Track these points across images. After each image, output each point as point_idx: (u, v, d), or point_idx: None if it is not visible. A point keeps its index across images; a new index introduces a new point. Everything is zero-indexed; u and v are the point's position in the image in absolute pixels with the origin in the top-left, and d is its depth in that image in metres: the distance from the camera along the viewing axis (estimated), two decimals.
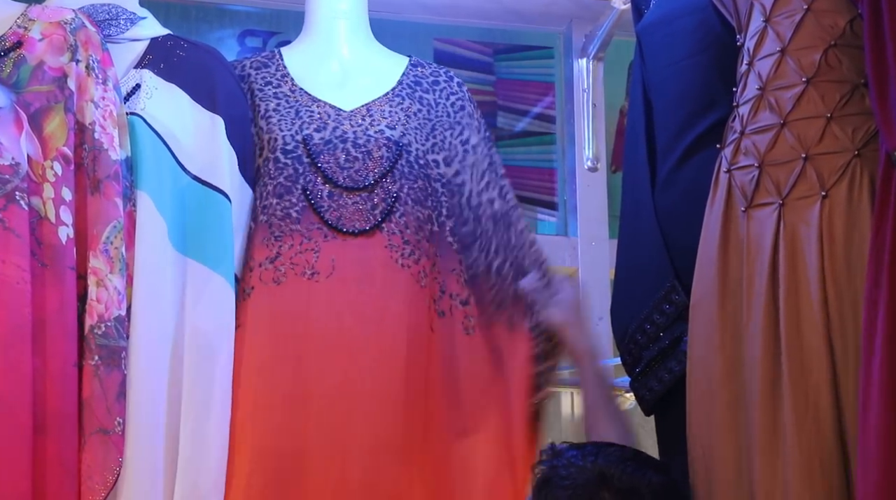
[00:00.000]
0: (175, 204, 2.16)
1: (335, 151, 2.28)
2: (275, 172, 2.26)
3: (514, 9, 3.03)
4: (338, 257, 2.21)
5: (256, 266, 2.21)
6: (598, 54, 2.99)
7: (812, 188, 1.84)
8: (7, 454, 1.90)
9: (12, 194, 2.00)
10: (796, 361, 1.80)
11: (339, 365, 2.16)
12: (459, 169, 2.37)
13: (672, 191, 2.12)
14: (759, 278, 1.86)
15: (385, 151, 2.28)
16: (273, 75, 2.38)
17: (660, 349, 2.08)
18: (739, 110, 1.96)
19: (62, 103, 2.08)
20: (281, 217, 2.23)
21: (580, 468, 1.88)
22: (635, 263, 2.19)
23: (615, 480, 1.86)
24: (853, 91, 1.84)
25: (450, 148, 2.37)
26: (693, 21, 2.14)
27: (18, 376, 1.93)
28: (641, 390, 2.13)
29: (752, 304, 1.87)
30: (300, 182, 2.25)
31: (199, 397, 2.09)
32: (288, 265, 2.20)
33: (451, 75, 2.46)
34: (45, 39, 2.11)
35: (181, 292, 2.13)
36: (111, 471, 1.96)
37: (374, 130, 2.31)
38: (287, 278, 2.20)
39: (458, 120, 2.40)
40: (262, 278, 2.20)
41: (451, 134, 2.38)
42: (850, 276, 1.77)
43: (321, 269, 2.20)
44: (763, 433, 1.83)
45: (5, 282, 1.95)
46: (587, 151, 3.02)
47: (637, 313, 2.12)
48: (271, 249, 2.21)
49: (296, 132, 2.29)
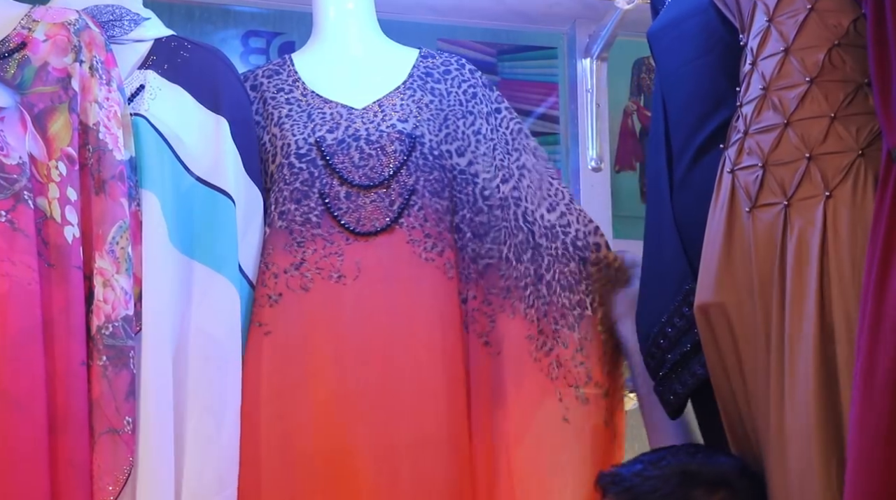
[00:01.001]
0: (178, 206, 2.16)
1: (349, 150, 2.28)
2: (290, 178, 2.26)
3: (517, 9, 3.03)
4: (362, 258, 2.21)
5: (282, 273, 2.21)
6: (601, 54, 2.99)
7: (816, 188, 1.84)
8: (25, 454, 1.90)
9: (20, 194, 2.00)
10: (795, 361, 1.80)
11: (377, 365, 2.16)
12: (472, 159, 2.37)
13: (687, 193, 2.13)
14: (771, 281, 1.86)
15: (398, 145, 2.29)
16: (285, 82, 2.39)
17: (682, 353, 2.08)
18: (743, 110, 1.96)
19: (66, 104, 2.08)
20: (301, 222, 2.23)
21: (659, 477, 1.86)
22: (657, 266, 2.19)
23: (701, 475, 1.84)
24: (857, 91, 1.84)
25: (463, 138, 2.37)
26: (697, 23, 2.14)
27: (32, 376, 1.93)
28: (666, 393, 2.13)
29: (763, 307, 1.87)
30: (316, 186, 2.25)
31: (206, 401, 2.10)
32: (314, 270, 2.20)
33: (463, 63, 2.46)
34: (49, 40, 2.11)
35: (186, 293, 2.13)
36: (122, 471, 1.97)
37: (387, 124, 2.31)
38: (314, 283, 2.20)
39: (469, 109, 2.40)
40: (289, 285, 2.20)
41: (464, 123, 2.38)
42: (855, 275, 1.76)
43: (347, 272, 2.20)
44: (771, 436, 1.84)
45: (17, 283, 1.95)
46: (591, 152, 3.02)
47: (659, 317, 2.12)
48: (295, 255, 2.22)
49: (308, 135, 2.29)
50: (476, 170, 2.36)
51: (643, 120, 3.29)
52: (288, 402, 2.15)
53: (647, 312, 2.19)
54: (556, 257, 2.33)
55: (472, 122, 2.39)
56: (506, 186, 2.36)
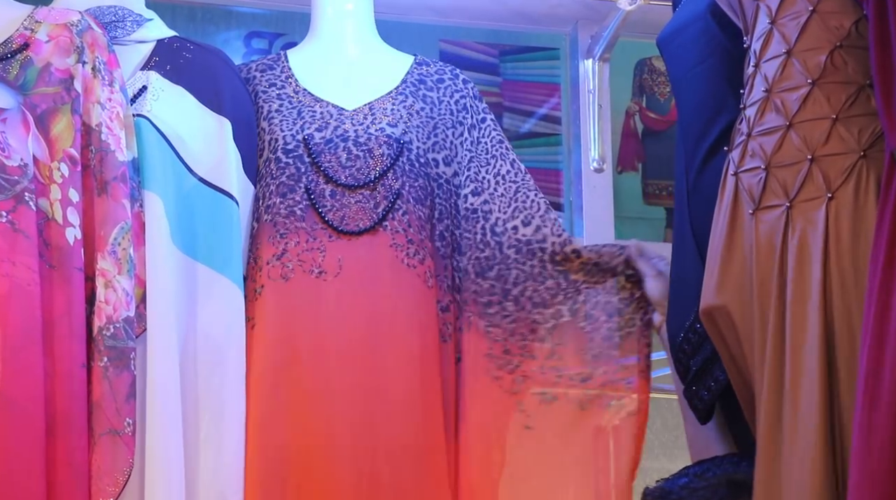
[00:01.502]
0: (180, 206, 2.16)
1: (336, 149, 2.28)
2: (277, 172, 2.27)
3: (519, 10, 3.04)
4: (344, 256, 2.22)
5: (265, 264, 2.21)
6: (603, 55, 2.99)
7: (818, 190, 1.83)
8: (22, 455, 1.90)
9: (21, 195, 2.00)
10: (797, 363, 1.80)
11: (356, 364, 2.17)
12: (458, 169, 2.37)
13: (698, 198, 2.14)
14: (770, 282, 1.86)
15: (386, 148, 2.28)
16: (278, 77, 2.39)
17: (704, 359, 2.08)
18: (746, 112, 1.96)
19: (69, 105, 2.08)
20: (285, 215, 2.23)
21: (706, 488, 1.87)
22: (680, 272, 2.20)
23: (747, 484, 1.83)
24: (859, 92, 1.83)
25: (450, 147, 2.37)
26: (698, 29, 2.15)
27: (31, 377, 1.93)
28: (693, 399, 2.13)
29: (763, 307, 1.87)
30: (302, 181, 2.25)
31: (212, 402, 2.10)
32: (295, 262, 2.21)
33: (457, 73, 2.46)
34: (52, 41, 2.11)
35: (190, 294, 2.13)
36: (122, 472, 1.97)
37: (376, 128, 2.31)
38: (295, 274, 2.20)
39: (460, 120, 2.40)
40: (270, 274, 2.21)
41: (453, 133, 2.38)
42: (857, 277, 1.76)
43: (328, 268, 2.21)
44: (764, 437, 1.83)
45: (16, 284, 1.95)
46: (593, 152, 3.02)
47: (683, 323, 2.13)
48: (277, 246, 2.22)
49: (297, 132, 2.29)
50: (460, 181, 2.37)
51: (645, 121, 3.29)
52: (267, 395, 2.14)
53: (673, 318, 2.19)
54: (529, 275, 2.33)
55: (461, 133, 2.39)
56: (476, 198, 2.36)
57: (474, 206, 2.35)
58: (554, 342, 2.31)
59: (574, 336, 2.32)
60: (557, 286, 2.33)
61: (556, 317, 2.32)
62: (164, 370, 2.05)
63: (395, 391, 2.17)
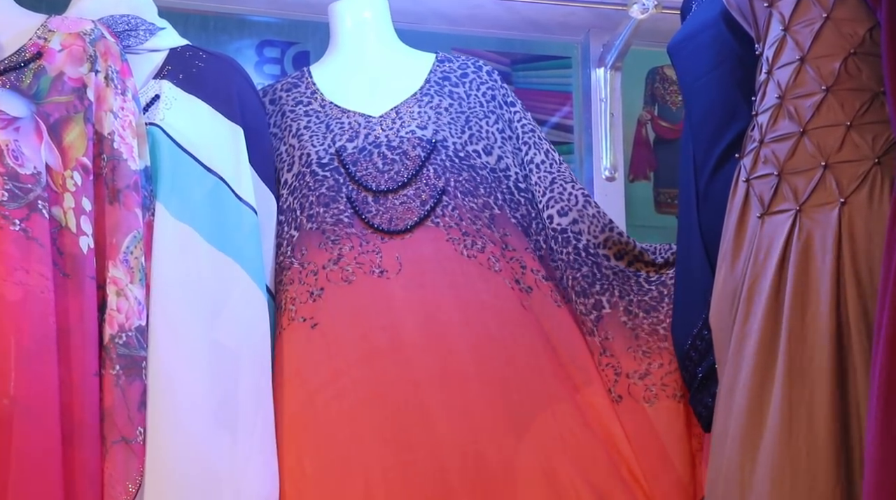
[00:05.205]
0: (206, 205, 2.16)
1: (372, 156, 2.30)
2: (314, 184, 2.28)
3: (531, 19, 3.03)
4: (401, 254, 2.22)
5: (320, 268, 2.21)
6: (615, 64, 2.99)
7: (831, 195, 1.83)
8: (39, 464, 1.89)
9: (35, 204, 2.00)
10: (796, 363, 1.79)
11: (437, 355, 2.14)
12: (501, 155, 2.39)
13: (708, 205, 2.14)
14: (765, 277, 1.86)
15: (420, 150, 2.30)
16: (303, 94, 2.42)
17: (709, 365, 2.08)
18: (759, 119, 1.96)
19: (81, 114, 2.09)
20: (333, 223, 2.24)
21: None
22: (687, 279, 2.20)
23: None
24: (873, 99, 1.83)
25: (488, 136, 2.39)
26: (710, 36, 2.16)
27: (46, 386, 1.92)
28: (698, 406, 2.13)
29: (754, 301, 1.87)
30: (343, 192, 2.27)
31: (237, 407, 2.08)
32: (354, 265, 2.21)
33: (480, 65, 2.49)
34: (65, 50, 2.12)
35: (211, 294, 2.12)
36: (133, 480, 1.96)
37: (406, 130, 2.33)
38: (356, 276, 2.20)
39: (491, 109, 2.43)
40: (329, 278, 2.21)
41: (487, 122, 2.41)
42: (872, 278, 1.76)
43: (388, 267, 2.21)
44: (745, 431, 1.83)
45: (30, 292, 1.95)
46: (605, 161, 3.02)
47: (690, 330, 2.13)
48: (331, 251, 2.23)
49: (329, 146, 2.32)
50: (506, 164, 2.38)
51: (657, 129, 3.29)
52: (352, 389, 2.12)
53: (680, 325, 2.19)
54: (567, 263, 2.34)
55: (496, 121, 2.42)
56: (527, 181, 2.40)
57: (527, 186, 2.39)
58: (601, 337, 2.30)
59: (617, 332, 2.30)
60: (593, 274, 2.34)
61: (597, 308, 2.32)
62: (172, 377, 2.03)
63: (481, 376, 2.14)
